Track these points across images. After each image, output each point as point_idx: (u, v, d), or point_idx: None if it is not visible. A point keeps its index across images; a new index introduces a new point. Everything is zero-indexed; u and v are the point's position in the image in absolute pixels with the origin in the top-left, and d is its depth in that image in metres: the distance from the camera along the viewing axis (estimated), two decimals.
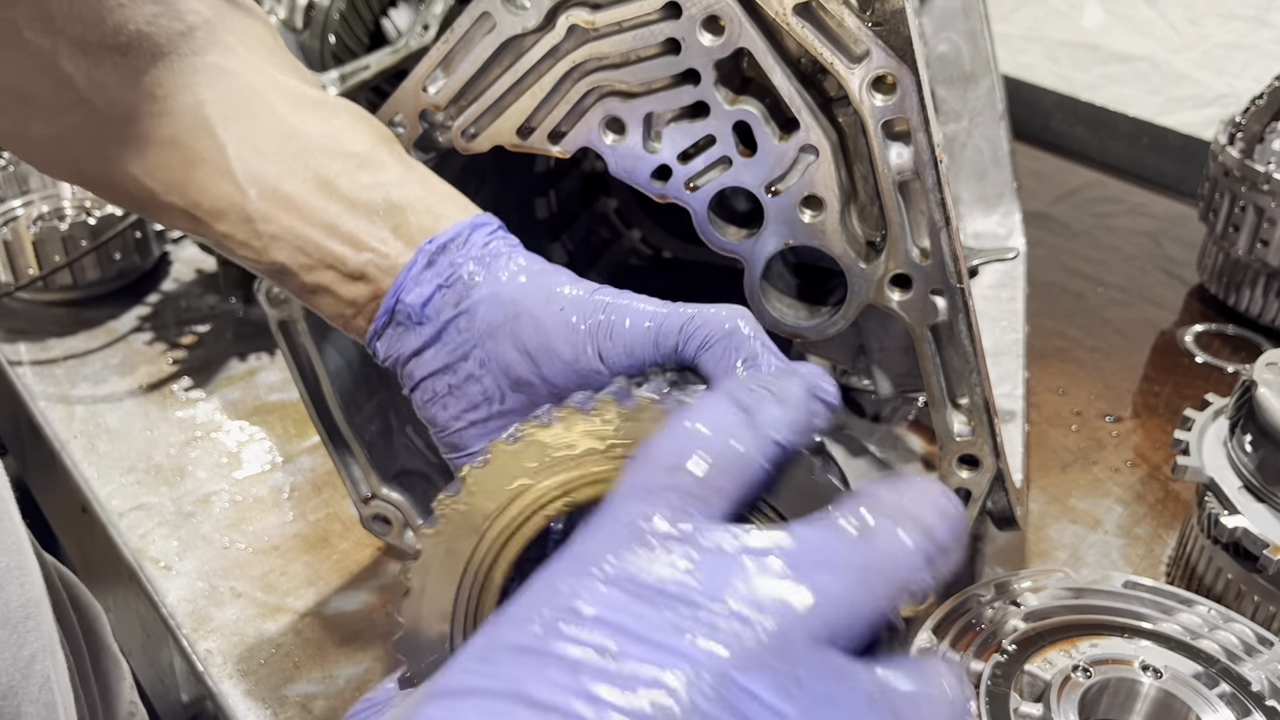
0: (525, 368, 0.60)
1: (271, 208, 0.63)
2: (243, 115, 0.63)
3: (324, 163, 0.63)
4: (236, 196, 0.63)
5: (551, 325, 0.59)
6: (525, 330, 0.60)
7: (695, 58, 0.64)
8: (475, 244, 0.63)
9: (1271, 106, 1.14)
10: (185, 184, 0.63)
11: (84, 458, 1.01)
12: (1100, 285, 1.34)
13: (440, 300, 0.62)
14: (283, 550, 0.91)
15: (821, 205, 0.65)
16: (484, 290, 0.61)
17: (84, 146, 0.64)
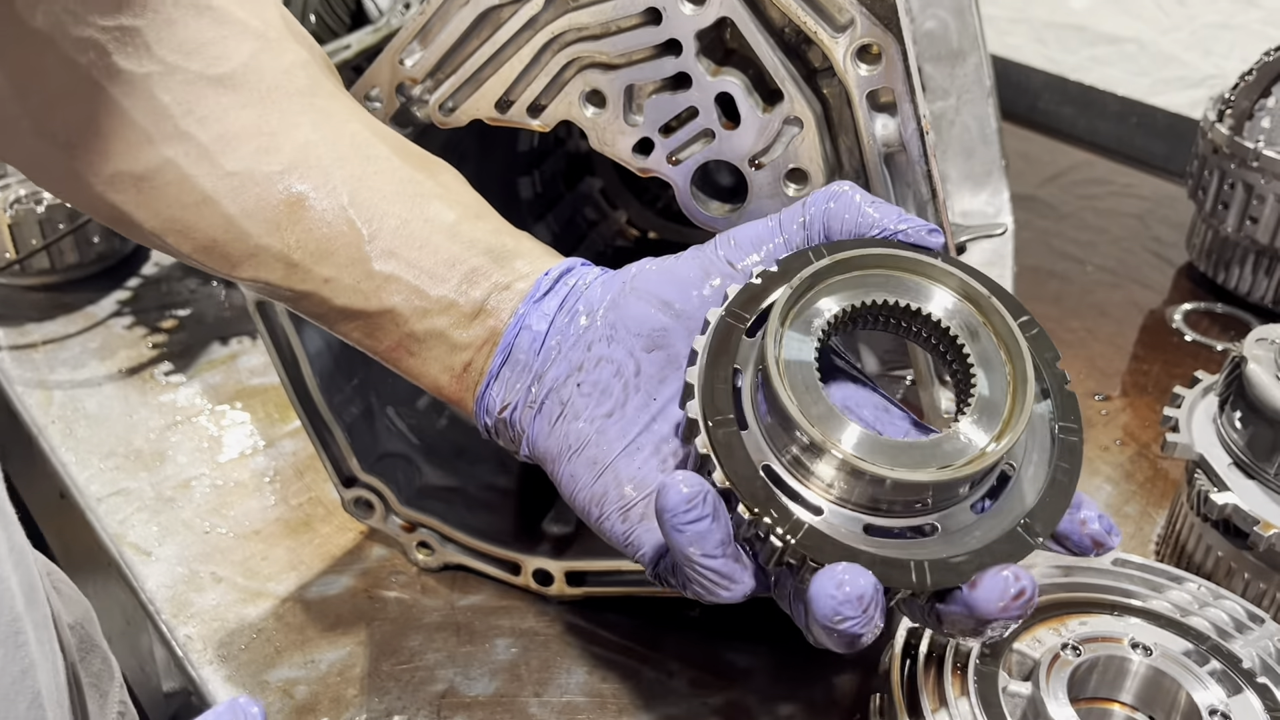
0: (659, 313, 0.58)
1: (390, 245, 0.60)
2: (356, 158, 0.61)
3: (442, 209, 0.62)
4: (350, 235, 0.60)
5: (672, 262, 0.60)
6: (648, 279, 0.59)
7: (676, 28, 0.62)
8: (591, 271, 0.63)
9: (1260, 83, 1.14)
10: (291, 223, 0.60)
11: (62, 443, 1.00)
12: (1088, 266, 1.34)
13: (561, 319, 0.60)
14: (264, 535, 0.90)
15: (806, 178, 0.64)
16: (597, 284, 0.61)
17: (172, 183, 0.59)
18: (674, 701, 0.75)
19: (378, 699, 0.75)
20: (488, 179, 1.00)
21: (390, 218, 0.61)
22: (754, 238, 0.59)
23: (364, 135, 0.62)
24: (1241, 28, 1.58)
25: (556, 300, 0.61)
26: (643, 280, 0.60)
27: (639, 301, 0.59)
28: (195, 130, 0.58)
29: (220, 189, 0.59)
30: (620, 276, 0.61)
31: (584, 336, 0.60)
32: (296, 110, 0.60)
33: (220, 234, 0.60)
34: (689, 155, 0.65)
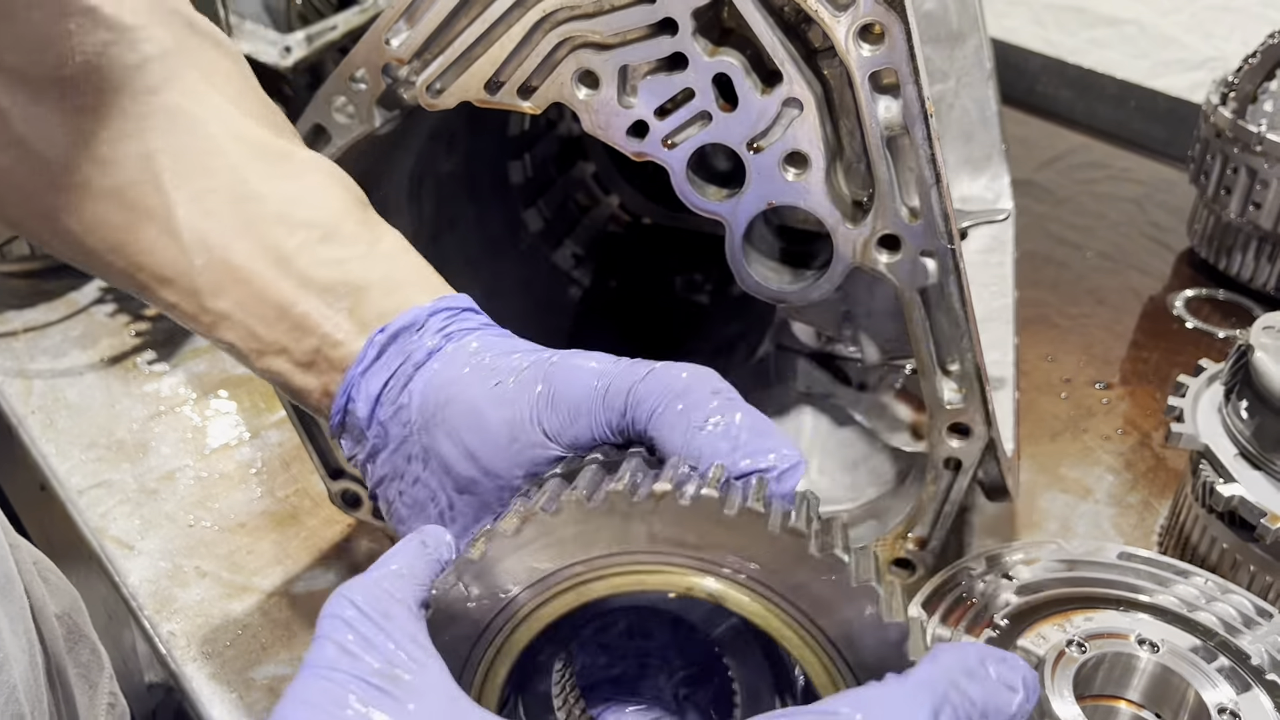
0: (464, 464, 0.53)
1: (220, 280, 0.55)
2: (197, 171, 0.56)
3: (281, 234, 0.56)
4: (183, 264, 0.55)
5: (485, 404, 0.52)
6: (457, 417, 0.53)
7: (672, 6, 0.60)
8: (430, 329, 0.56)
9: (1264, 66, 1.12)
10: (127, 244, 0.56)
11: (42, 434, 0.97)
12: (1086, 252, 1.32)
13: (386, 397, 0.55)
14: (250, 528, 0.88)
15: (806, 162, 0.62)
16: (421, 380, 0.54)
17: (17, 193, 0.55)
18: None
19: None
20: (478, 164, 0.98)
21: (222, 248, 0.55)
22: (573, 406, 0.50)
23: (215, 139, 0.56)
24: (1242, 10, 1.57)
25: (380, 380, 0.55)
26: (452, 417, 0.53)
27: (448, 442, 0.53)
28: (31, 138, 0.54)
29: (59, 203, 0.55)
30: (437, 395, 0.54)
31: (403, 446, 0.55)
32: (143, 114, 0.55)
33: (61, 247, 0.57)
34: (685, 138, 0.63)
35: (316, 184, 0.58)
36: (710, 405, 0.47)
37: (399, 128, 0.70)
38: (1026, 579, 0.69)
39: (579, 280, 1.08)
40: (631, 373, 0.50)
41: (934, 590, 0.68)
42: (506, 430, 0.51)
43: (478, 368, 0.54)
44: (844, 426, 0.83)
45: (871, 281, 0.66)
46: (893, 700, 0.37)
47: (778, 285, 0.67)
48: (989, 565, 0.70)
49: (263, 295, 0.56)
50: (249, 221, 0.56)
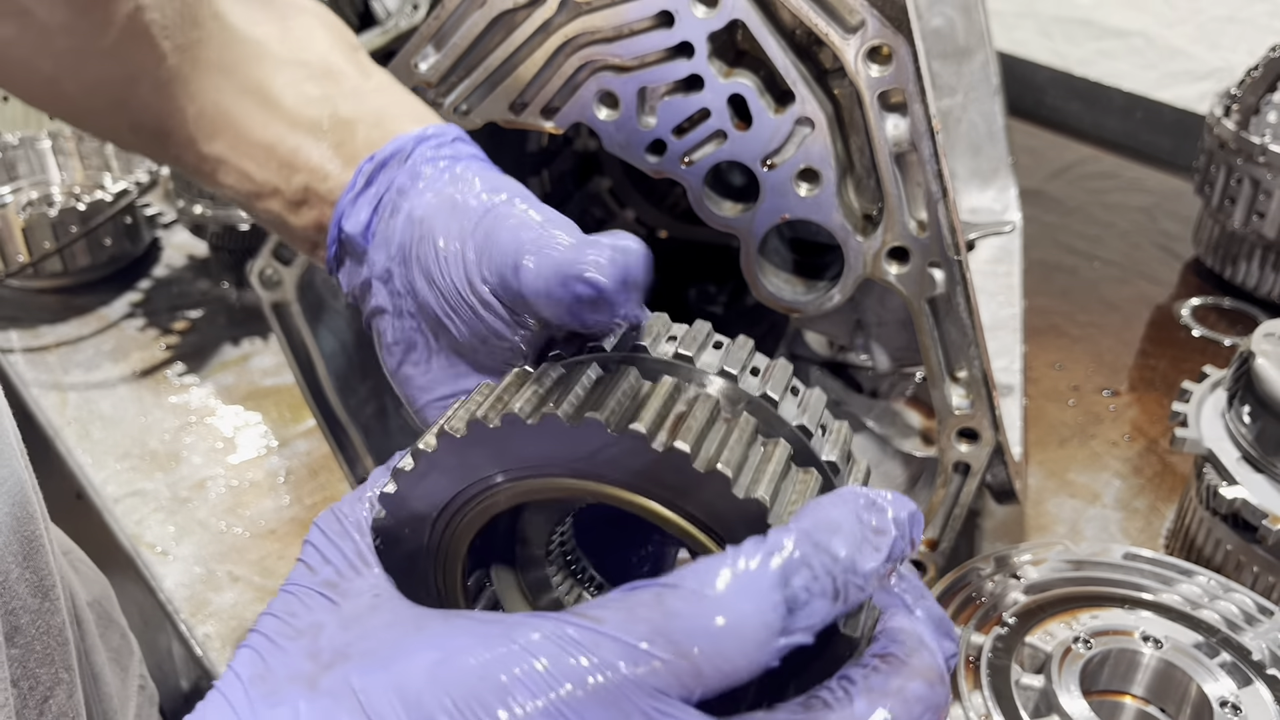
0: (435, 307, 0.52)
1: (212, 124, 0.57)
2: (185, 22, 0.56)
3: (269, 73, 0.57)
4: (176, 115, 0.57)
5: (446, 244, 0.51)
6: (427, 255, 0.52)
7: (689, 30, 0.63)
8: (419, 157, 0.55)
9: (1266, 79, 1.14)
10: (128, 101, 0.57)
11: (78, 444, 1.00)
12: (1095, 261, 1.34)
13: (376, 226, 0.55)
14: (279, 534, 0.91)
15: (818, 178, 0.64)
16: (404, 208, 0.54)
17: (21, 62, 0.56)
18: None
19: None
20: None
21: (214, 91, 0.56)
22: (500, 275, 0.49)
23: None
24: (1248, 21, 1.58)
25: (368, 207, 0.55)
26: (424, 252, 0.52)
27: (422, 279, 0.52)
28: (34, 6, 0.54)
29: (62, 69, 0.56)
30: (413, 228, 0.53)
31: (391, 279, 0.55)
32: None
33: (73, 114, 0.59)
34: (702, 156, 0.66)
35: (303, 25, 0.59)
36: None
37: None
38: (1034, 579, 0.71)
39: None
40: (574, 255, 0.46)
41: (945, 589, 0.70)
42: (460, 276, 0.50)
43: (449, 202, 0.52)
44: (857, 433, 0.85)
45: (882, 292, 0.69)
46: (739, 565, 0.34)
47: (791, 296, 0.70)
48: (998, 566, 0.73)
49: (251, 136, 0.57)
50: (235, 64, 0.57)
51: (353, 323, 0.82)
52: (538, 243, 0.47)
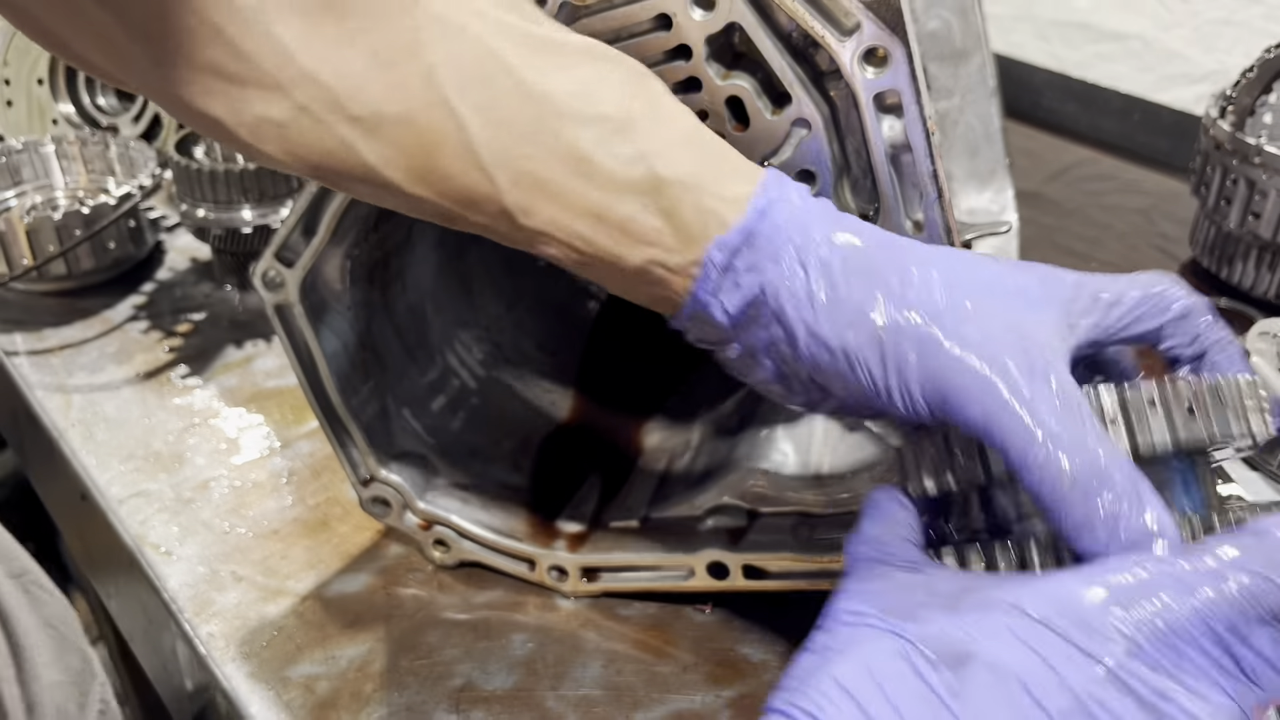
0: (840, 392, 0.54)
1: (528, 197, 0.53)
2: (477, 81, 0.52)
3: (575, 132, 0.52)
4: (487, 186, 0.53)
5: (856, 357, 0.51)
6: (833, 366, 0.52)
7: (686, 33, 0.64)
8: (776, 238, 0.52)
9: (1262, 79, 1.15)
10: (429, 171, 0.53)
11: (82, 446, 1.01)
12: (1093, 262, 1.35)
13: (747, 321, 0.54)
14: (283, 534, 0.91)
15: (814, 179, 0.65)
16: (800, 325, 0.52)
17: (313, 131, 0.52)
18: (688, 694, 0.77)
19: (397, 694, 0.77)
20: None
21: (520, 158, 0.53)
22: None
23: (485, 43, 0.52)
24: (1244, 23, 1.59)
25: (736, 301, 0.54)
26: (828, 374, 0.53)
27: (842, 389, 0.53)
28: (317, 69, 0.51)
29: (354, 134, 0.52)
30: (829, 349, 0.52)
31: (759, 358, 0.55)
32: (411, 28, 0.51)
33: (363, 177, 0.54)
34: None
35: (594, 70, 0.55)
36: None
37: None
38: None
39: (597, 294, 1.12)
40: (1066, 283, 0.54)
41: None
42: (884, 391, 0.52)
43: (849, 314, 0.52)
44: (854, 431, 0.86)
45: None
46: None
47: None
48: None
49: (574, 207, 0.53)
50: (539, 124, 0.53)
51: (355, 324, 0.83)
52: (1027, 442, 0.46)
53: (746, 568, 0.77)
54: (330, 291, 0.80)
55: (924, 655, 0.40)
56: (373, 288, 0.84)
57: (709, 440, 0.91)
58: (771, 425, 0.86)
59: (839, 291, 0.51)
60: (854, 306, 0.51)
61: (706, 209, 0.53)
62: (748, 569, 0.77)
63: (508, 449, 0.93)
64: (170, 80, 0.52)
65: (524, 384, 0.99)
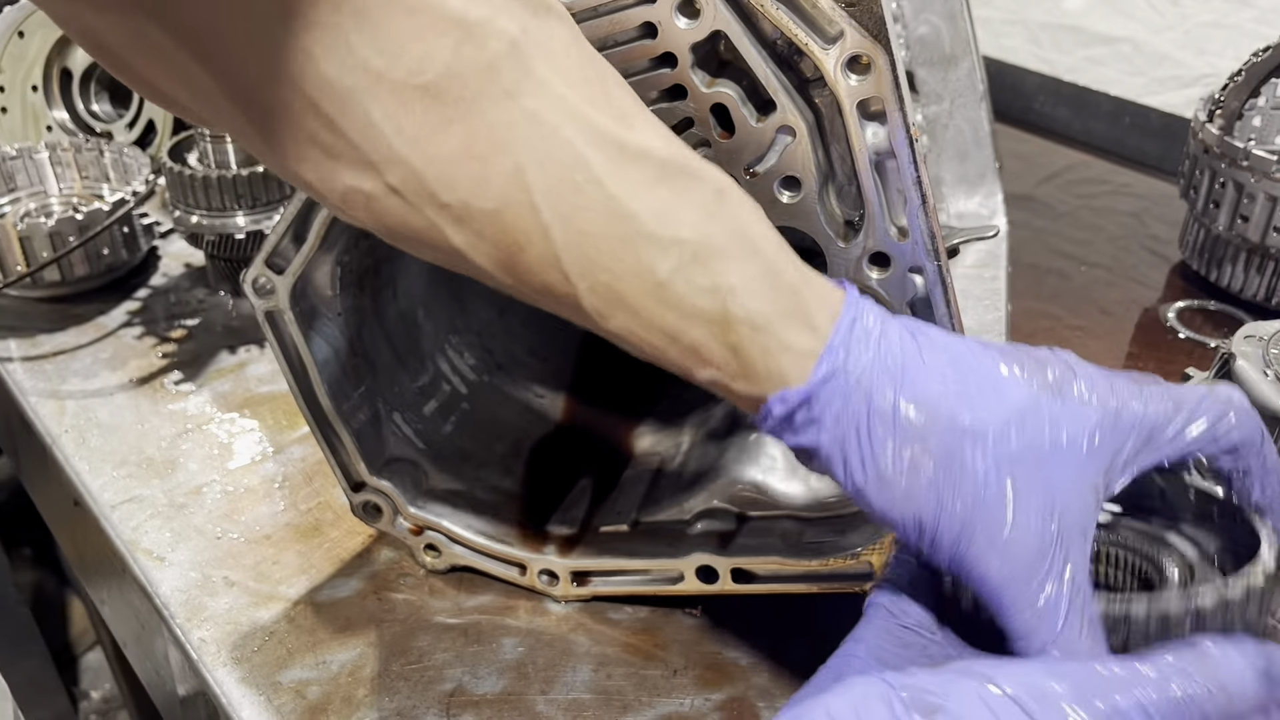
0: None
1: (607, 306, 0.55)
2: (565, 187, 0.52)
3: (655, 257, 0.53)
4: (567, 288, 0.54)
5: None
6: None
7: (672, 41, 0.64)
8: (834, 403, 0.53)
9: (1250, 83, 1.15)
10: (513, 266, 0.54)
11: (75, 452, 1.01)
12: (1085, 265, 1.35)
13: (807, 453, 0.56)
14: (275, 539, 0.92)
15: (799, 186, 0.66)
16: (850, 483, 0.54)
17: (403, 209, 0.53)
18: (678, 698, 0.77)
19: (388, 698, 0.77)
20: None
21: (600, 273, 0.54)
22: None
23: (575, 146, 0.52)
24: (1235, 26, 1.60)
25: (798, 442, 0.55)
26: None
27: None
28: (408, 153, 0.51)
29: (443, 218, 0.53)
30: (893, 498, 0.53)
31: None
32: (504, 124, 0.51)
33: (447, 259, 0.55)
34: None
35: (676, 186, 0.54)
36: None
37: None
38: None
39: None
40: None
41: None
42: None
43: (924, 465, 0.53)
44: None
45: None
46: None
47: None
48: None
49: (649, 323, 0.55)
50: (624, 243, 0.53)
51: (346, 330, 0.83)
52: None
53: (735, 571, 0.78)
54: (321, 298, 0.80)
55: (901, 700, 0.45)
56: (363, 294, 0.85)
57: (699, 444, 0.92)
58: (760, 430, 0.86)
59: (887, 471, 0.53)
60: (902, 490, 0.53)
61: (772, 356, 0.54)
62: (736, 572, 0.78)
63: (499, 454, 0.93)
64: (266, 141, 0.53)
65: (515, 389, 0.99)
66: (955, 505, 0.52)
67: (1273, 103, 1.25)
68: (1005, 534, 0.51)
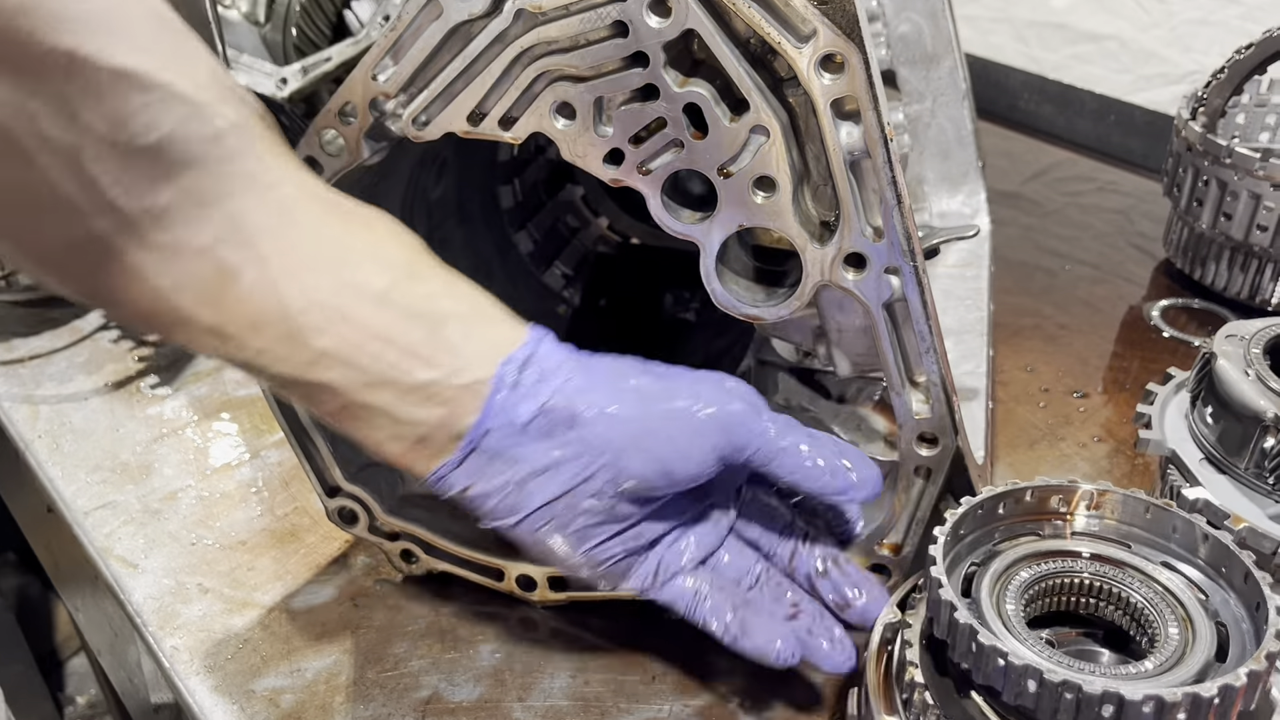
0: (659, 479, 0.64)
1: (322, 319, 0.59)
2: (283, 225, 0.59)
3: (373, 272, 0.61)
4: (280, 309, 0.59)
5: (680, 434, 0.64)
6: (657, 443, 0.63)
7: (644, 40, 0.63)
8: (552, 359, 0.63)
9: (1232, 80, 1.15)
10: (220, 297, 0.59)
11: (49, 457, 1.00)
12: (1071, 263, 1.35)
13: (544, 423, 0.62)
14: (250, 545, 0.91)
15: (774, 186, 0.65)
16: (594, 409, 0.63)
17: (102, 256, 0.57)
18: (657, 703, 0.76)
19: (363, 706, 0.76)
20: (468, 189, 1.01)
21: (319, 290, 0.59)
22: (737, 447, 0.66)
23: (292, 198, 0.60)
24: (1221, 24, 1.59)
25: (533, 405, 0.62)
26: (652, 444, 0.63)
27: (646, 463, 0.63)
28: (124, 202, 0.56)
29: (148, 261, 0.57)
30: (627, 425, 0.63)
31: (582, 467, 0.63)
32: (226, 176, 0.58)
33: (149, 305, 0.59)
34: (659, 165, 0.66)
35: (387, 231, 0.64)
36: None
37: (389, 157, 0.73)
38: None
39: (569, 299, 1.11)
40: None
41: (908, 592, 0.70)
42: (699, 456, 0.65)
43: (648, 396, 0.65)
44: None
45: (841, 299, 0.69)
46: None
47: (751, 303, 0.70)
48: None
49: (367, 328, 0.60)
50: (341, 264, 0.60)
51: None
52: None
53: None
54: None
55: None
56: None
57: None
58: None
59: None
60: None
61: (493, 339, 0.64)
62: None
63: None
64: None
65: None
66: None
67: (1256, 100, 1.25)
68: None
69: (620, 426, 0.63)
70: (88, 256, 0.57)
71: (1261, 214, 1.10)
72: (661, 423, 0.64)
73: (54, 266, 0.59)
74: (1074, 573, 0.64)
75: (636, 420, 0.63)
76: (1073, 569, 0.64)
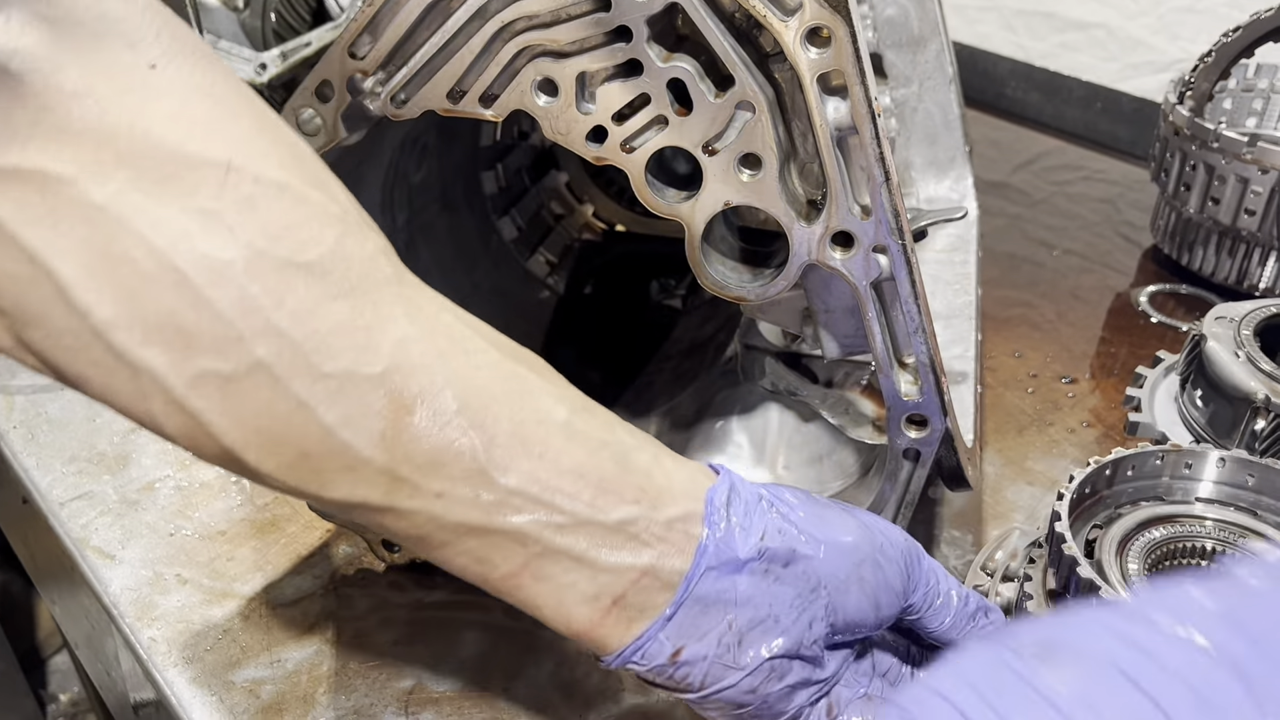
0: (868, 616, 0.60)
1: (510, 455, 0.52)
2: (456, 352, 0.53)
3: (552, 405, 0.54)
4: (465, 443, 0.51)
5: (888, 564, 0.60)
6: (873, 575, 0.60)
7: (626, 14, 0.62)
8: (750, 491, 0.58)
9: (1219, 64, 1.14)
10: (396, 432, 0.51)
11: (24, 448, 0.98)
12: (1058, 251, 1.34)
13: (762, 561, 0.55)
14: (230, 535, 0.89)
15: (759, 163, 0.64)
16: (813, 542, 0.58)
17: (266, 388, 0.49)
18: (643, 692, 0.75)
19: (345, 697, 0.75)
20: (450, 173, 0.99)
21: (503, 420, 0.53)
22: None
23: (458, 326, 0.55)
24: (1208, 11, 1.59)
25: (751, 541, 0.56)
26: (866, 573, 0.59)
27: (860, 595, 0.59)
28: (288, 326, 0.49)
29: (317, 393, 0.49)
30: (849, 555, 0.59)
31: (784, 610, 0.57)
32: (389, 301, 0.52)
33: (314, 446, 0.50)
34: (643, 143, 0.65)
35: (544, 364, 0.58)
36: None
37: (368, 139, 0.72)
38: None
39: (553, 286, 1.10)
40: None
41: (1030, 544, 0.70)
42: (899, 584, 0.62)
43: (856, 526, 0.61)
44: (809, 422, 0.84)
45: (828, 279, 0.68)
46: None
47: (737, 283, 0.69)
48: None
49: (557, 463, 0.53)
50: (522, 394, 0.54)
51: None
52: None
53: None
54: None
55: (1011, 650, 0.41)
56: None
57: (665, 433, 0.90)
58: (726, 418, 0.84)
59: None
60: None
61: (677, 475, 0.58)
62: None
63: None
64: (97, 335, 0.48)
65: None
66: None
67: (1243, 84, 1.25)
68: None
69: (842, 558, 0.58)
70: (247, 387, 0.49)
71: (1249, 198, 1.10)
72: (876, 553, 0.60)
73: (211, 399, 0.49)
74: (1198, 536, 0.63)
75: (857, 550, 0.59)
76: (1197, 533, 0.63)
